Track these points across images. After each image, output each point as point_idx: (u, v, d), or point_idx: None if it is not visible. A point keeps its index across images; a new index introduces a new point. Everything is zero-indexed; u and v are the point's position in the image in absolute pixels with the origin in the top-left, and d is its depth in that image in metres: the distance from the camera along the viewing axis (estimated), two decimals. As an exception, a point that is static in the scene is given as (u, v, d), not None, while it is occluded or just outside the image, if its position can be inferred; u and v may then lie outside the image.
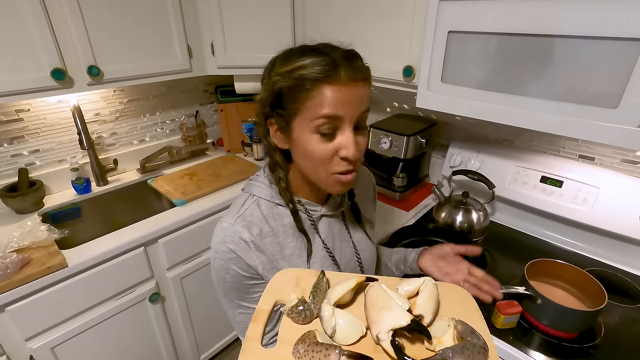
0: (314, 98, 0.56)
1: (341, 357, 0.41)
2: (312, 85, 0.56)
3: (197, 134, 1.90)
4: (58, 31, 1.13)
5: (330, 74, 0.55)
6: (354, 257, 0.77)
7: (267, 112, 0.62)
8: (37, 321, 1.08)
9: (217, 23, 1.46)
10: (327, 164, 0.60)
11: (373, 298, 0.48)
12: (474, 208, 1.25)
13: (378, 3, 1.17)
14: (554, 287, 0.95)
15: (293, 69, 0.57)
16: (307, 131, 0.58)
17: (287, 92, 0.58)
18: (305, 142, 0.59)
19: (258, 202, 0.69)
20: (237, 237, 0.64)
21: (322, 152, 0.59)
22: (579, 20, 0.76)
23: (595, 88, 0.78)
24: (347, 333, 0.46)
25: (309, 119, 0.57)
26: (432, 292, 0.50)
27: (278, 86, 0.59)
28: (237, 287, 0.68)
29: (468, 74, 0.97)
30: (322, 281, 0.53)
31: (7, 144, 1.36)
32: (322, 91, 0.55)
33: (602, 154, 1.15)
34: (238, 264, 0.65)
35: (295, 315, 0.49)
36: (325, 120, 0.57)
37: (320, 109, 0.56)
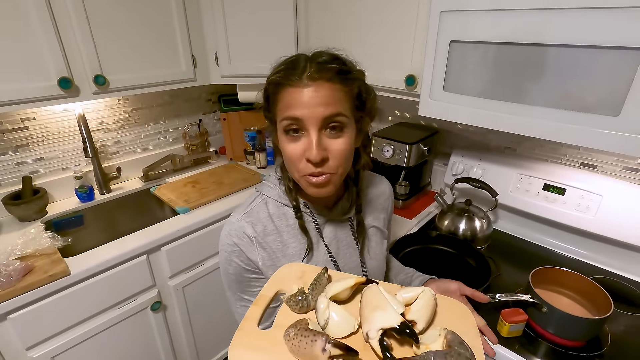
0: (280, 101, 0.60)
1: (327, 345, 0.42)
2: (277, 89, 0.60)
3: (200, 142, 1.91)
4: (66, 41, 1.15)
5: (289, 76, 0.58)
6: (359, 266, 0.76)
7: (267, 117, 0.67)
8: (38, 330, 1.07)
9: (221, 33, 1.48)
10: (296, 165, 0.61)
11: (368, 297, 0.50)
12: (477, 216, 1.25)
13: (381, 15, 1.19)
14: (559, 295, 0.94)
15: (270, 76, 0.62)
16: (280, 132, 0.62)
17: (269, 98, 0.63)
18: (280, 142, 0.63)
19: (266, 201, 0.72)
20: (242, 231, 0.68)
21: (290, 152, 0.61)
22: (579, 29, 0.77)
23: (596, 96, 0.79)
24: (339, 327, 0.47)
25: (279, 120, 0.61)
26: (429, 301, 0.51)
27: (265, 93, 0.64)
28: (238, 280, 0.71)
29: (470, 82, 0.98)
30: (323, 276, 0.55)
31: (12, 152, 1.37)
32: (283, 94, 0.59)
33: (604, 162, 1.15)
34: (240, 257, 0.68)
35: (293, 304, 0.52)
36: (288, 122, 0.59)
37: (283, 111, 0.59)
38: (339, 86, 0.59)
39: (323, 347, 0.42)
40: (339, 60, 0.61)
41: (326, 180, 0.61)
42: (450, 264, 1.14)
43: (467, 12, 0.92)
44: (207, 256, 1.46)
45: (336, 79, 0.58)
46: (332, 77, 0.58)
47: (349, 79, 0.60)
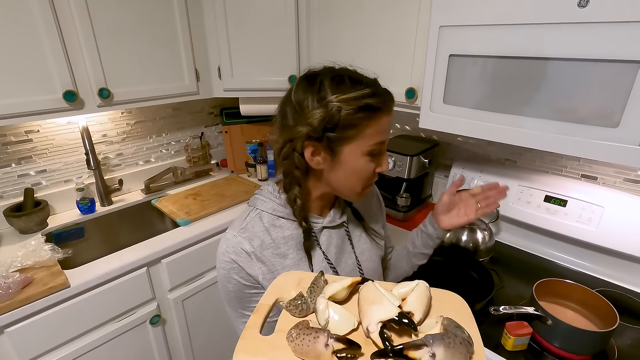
0: (374, 126, 0.62)
1: (329, 340, 0.43)
2: (374, 114, 0.61)
3: (202, 155, 1.92)
4: (71, 54, 1.17)
5: (387, 105, 0.63)
6: (356, 269, 0.78)
7: (317, 136, 0.61)
8: (35, 344, 1.06)
9: (224, 48, 1.51)
10: (368, 180, 0.68)
11: (365, 294, 0.51)
12: (479, 227, 1.25)
13: (381, 30, 1.21)
14: (563, 307, 0.93)
15: (359, 97, 0.60)
16: (359, 153, 0.64)
17: (348, 118, 0.60)
18: (356, 163, 0.65)
19: (260, 215, 0.72)
20: (239, 247, 0.68)
21: (368, 170, 0.66)
22: (576, 43, 0.79)
23: (595, 108, 0.80)
24: (340, 325, 0.48)
25: (367, 143, 0.63)
26: (423, 292, 0.52)
27: (342, 112, 0.60)
28: (239, 296, 0.71)
29: (470, 95, 0.99)
30: (319, 279, 0.56)
31: (15, 164, 1.37)
32: (381, 120, 0.63)
33: (604, 174, 1.16)
34: (239, 273, 0.68)
35: (292, 308, 0.53)
36: (378, 145, 0.64)
37: (377, 135, 0.63)
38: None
39: (326, 342, 0.43)
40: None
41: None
42: (453, 276, 1.13)
43: (466, 27, 0.94)
44: (208, 269, 1.45)
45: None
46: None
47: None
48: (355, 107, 0.59)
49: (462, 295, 1.01)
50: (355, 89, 0.60)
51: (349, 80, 0.62)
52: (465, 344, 0.43)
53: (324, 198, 0.74)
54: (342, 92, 0.60)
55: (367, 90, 0.60)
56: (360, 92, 0.60)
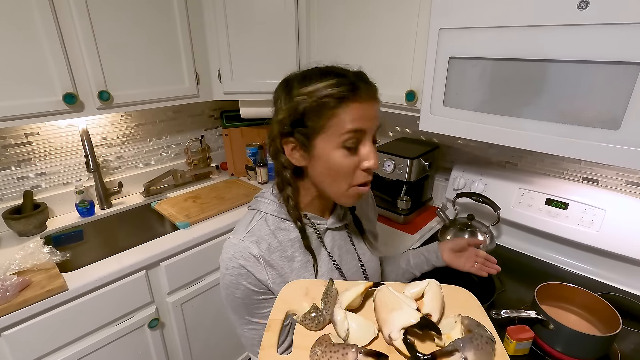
0: (340, 115, 0.60)
1: (358, 356, 0.42)
2: (338, 103, 0.60)
3: (202, 157, 1.92)
4: (72, 57, 1.17)
5: (355, 92, 0.60)
6: (359, 269, 0.78)
7: (287, 131, 0.64)
8: (33, 348, 1.05)
9: (224, 50, 1.51)
10: (350, 177, 0.64)
11: (382, 300, 0.50)
12: (480, 231, 1.24)
13: (381, 32, 1.22)
14: (565, 311, 0.92)
15: (318, 89, 0.60)
16: (331, 147, 0.62)
17: (311, 111, 0.61)
18: (330, 157, 0.62)
19: (265, 217, 0.71)
20: (247, 252, 0.66)
21: (347, 165, 0.62)
22: (577, 45, 0.78)
23: (596, 110, 0.80)
24: (360, 335, 0.47)
25: (335, 134, 0.61)
26: (437, 292, 0.52)
27: (302, 106, 0.61)
28: (246, 303, 0.68)
29: (470, 97, 0.99)
30: (331, 288, 0.54)
31: (15, 167, 1.37)
32: (348, 108, 0.60)
33: (606, 176, 1.15)
34: (248, 279, 0.66)
35: (308, 322, 0.51)
36: (351, 135, 0.61)
37: (346, 124, 0.60)
38: (379, 102, 0.66)
39: (356, 358, 0.42)
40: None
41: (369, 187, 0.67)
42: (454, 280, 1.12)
43: (465, 30, 0.94)
44: (207, 272, 1.44)
45: (378, 98, 0.66)
46: (377, 95, 0.65)
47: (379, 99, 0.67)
48: (316, 97, 0.60)
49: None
50: (320, 81, 0.61)
51: (318, 73, 0.62)
52: (490, 342, 0.43)
53: (324, 199, 0.73)
54: (307, 86, 0.61)
55: (332, 81, 0.60)
56: (323, 83, 0.60)
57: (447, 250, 0.90)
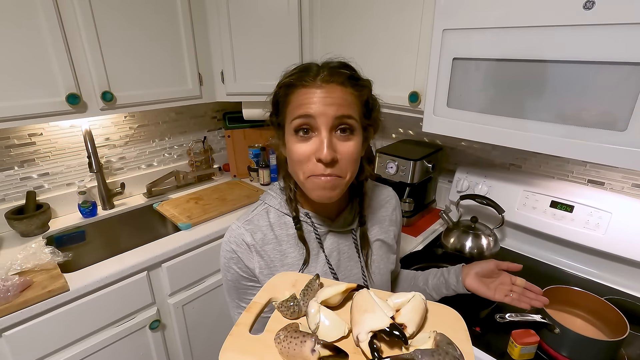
0: (292, 102, 0.61)
1: (316, 345, 0.43)
2: (290, 90, 0.62)
3: (204, 159, 1.92)
4: (75, 58, 1.18)
5: (303, 77, 0.60)
6: (361, 279, 0.75)
7: (274, 124, 0.67)
8: (34, 349, 1.04)
9: (227, 52, 1.51)
10: (303, 165, 0.61)
11: (358, 301, 0.50)
12: (484, 233, 1.23)
13: (384, 34, 1.21)
14: (571, 315, 0.91)
15: (282, 80, 0.64)
16: (289, 134, 0.63)
17: (279, 102, 0.65)
18: (288, 144, 0.63)
19: (267, 210, 0.72)
20: (240, 239, 0.69)
21: (298, 152, 0.61)
22: (583, 46, 0.77)
23: (602, 111, 0.79)
24: (329, 331, 0.47)
25: (289, 121, 0.62)
26: (419, 305, 0.51)
27: (274, 98, 0.66)
28: (236, 286, 0.71)
29: (474, 98, 0.98)
30: (314, 282, 0.55)
31: (18, 167, 1.38)
32: (296, 95, 0.61)
33: (611, 179, 1.14)
34: (238, 264, 0.69)
35: (284, 309, 0.52)
36: (300, 121, 0.60)
37: (296, 109, 0.60)
38: (349, 90, 0.61)
39: (312, 347, 0.43)
40: (350, 67, 0.64)
41: (333, 183, 0.61)
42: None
43: (470, 30, 0.94)
44: (208, 274, 1.44)
45: (347, 83, 0.61)
46: (344, 81, 0.61)
47: (359, 85, 0.63)
48: (280, 86, 0.64)
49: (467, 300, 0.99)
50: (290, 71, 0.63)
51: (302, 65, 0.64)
52: None
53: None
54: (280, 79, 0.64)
55: (295, 70, 0.63)
56: (289, 73, 0.63)
57: (471, 274, 0.78)
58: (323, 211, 0.72)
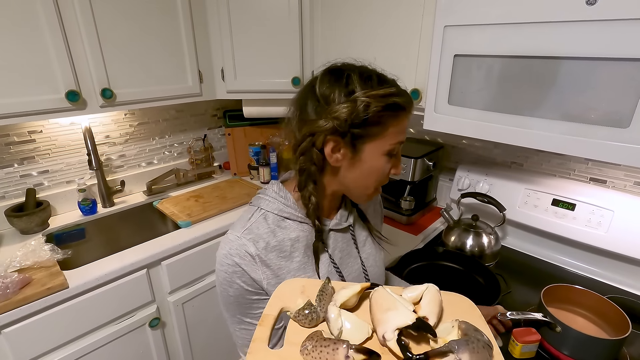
0: (397, 125, 0.62)
1: (349, 351, 0.41)
2: (398, 113, 0.61)
3: (205, 157, 1.91)
4: (75, 54, 1.17)
5: (411, 105, 0.63)
6: (362, 274, 0.76)
7: (341, 131, 0.59)
8: (33, 346, 1.04)
9: (228, 49, 1.50)
10: (383, 180, 0.67)
11: (378, 300, 0.49)
12: (485, 231, 1.22)
13: (385, 30, 1.20)
14: (572, 314, 0.90)
15: (387, 95, 0.59)
16: (380, 152, 0.63)
17: (376, 115, 0.59)
18: (375, 161, 0.63)
19: (265, 215, 0.68)
20: (243, 250, 0.64)
21: (385, 170, 0.65)
22: (586, 42, 0.77)
23: (605, 108, 0.78)
24: (354, 334, 0.46)
25: (388, 142, 0.62)
26: (435, 296, 0.51)
27: (369, 109, 0.58)
28: (239, 302, 0.67)
29: (475, 95, 0.98)
30: (327, 286, 0.54)
31: (18, 165, 1.37)
32: (403, 119, 0.63)
33: (614, 177, 1.13)
34: (242, 277, 0.64)
35: (302, 318, 0.50)
36: (398, 145, 0.64)
37: (399, 135, 0.63)
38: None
39: (346, 354, 0.41)
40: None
41: None
42: (458, 281, 1.11)
43: (471, 27, 0.93)
44: (208, 272, 1.43)
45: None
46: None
47: None
48: (384, 104, 0.59)
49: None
50: (383, 86, 0.60)
51: (377, 77, 0.62)
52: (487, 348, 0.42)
53: (332, 199, 0.72)
54: (371, 89, 0.59)
55: (394, 89, 0.61)
56: (388, 90, 0.60)
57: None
58: (324, 212, 0.72)
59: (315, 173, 0.64)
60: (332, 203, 0.73)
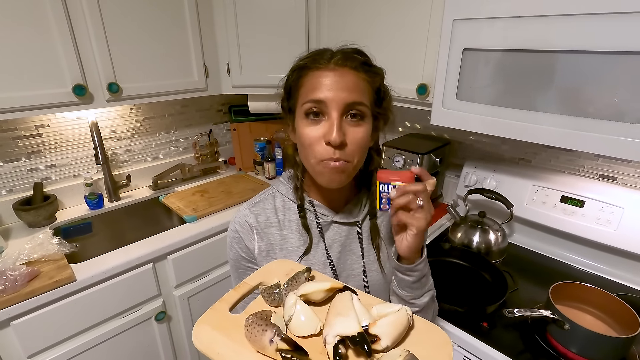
0: (304, 85, 0.61)
1: (275, 337, 0.43)
2: (302, 72, 0.61)
3: (210, 152, 1.92)
4: (81, 49, 1.17)
5: (317, 60, 0.60)
6: (361, 275, 0.71)
7: (285, 109, 0.67)
8: (41, 338, 1.05)
9: (233, 44, 1.50)
10: (314, 149, 0.60)
11: (336, 303, 0.49)
12: (492, 228, 1.21)
13: (393, 25, 1.19)
14: (581, 311, 0.89)
15: (296, 64, 0.64)
16: (300, 117, 0.62)
17: (292, 85, 0.64)
18: (298, 127, 0.63)
19: (275, 195, 0.74)
20: (244, 220, 0.71)
21: (308, 135, 0.60)
22: (597, 35, 0.75)
23: (615, 103, 0.77)
24: (302, 326, 0.47)
25: (300, 104, 0.61)
26: (400, 320, 0.47)
27: (288, 83, 0.65)
28: (237, 266, 0.73)
29: (484, 90, 0.96)
30: (302, 275, 0.55)
31: (25, 159, 1.38)
32: (308, 78, 0.61)
33: (624, 174, 1.11)
34: (239, 244, 0.71)
35: (266, 295, 0.53)
36: (311, 105, 0.59)
37: (308, 93, 0.60)
38: (363, 75, 0.61)
39: (271, 338, 0.43)
40: (363, 53, 0.64)
41: (342, 167, 0.60)
42: (465, 278, 1.10)
43: (481, 20, 0.91)
44: (214, 266, 1.44)
45: (361, 69, 0.61)
46: (357, 66, 0.60)
47: (372, 72, 0.62)
48: (292, 70, 0.64)
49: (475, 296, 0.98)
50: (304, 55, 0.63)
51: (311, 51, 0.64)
52: None
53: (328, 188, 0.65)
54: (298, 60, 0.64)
55: (308, 55, 0.62)
56: (301, 58, 0.63)
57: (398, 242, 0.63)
58: (329, 201, 0.71)
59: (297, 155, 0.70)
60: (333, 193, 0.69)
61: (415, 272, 0.63)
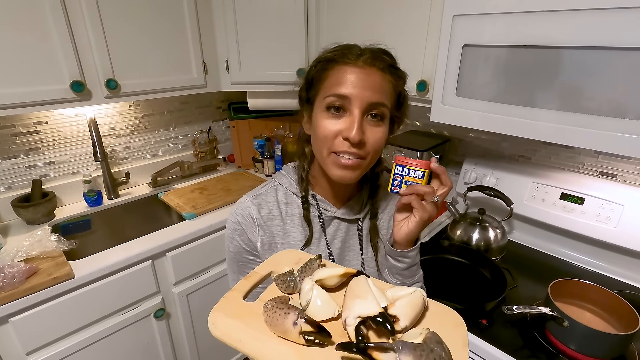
0: (330, 77, 0.60)
1: (299, 319, 0.42)
2: (329, 65, 0.61)
3: (209, 149, 1.91)
4: (79, 45, 1.16)
5: (346, 55, 0.60)
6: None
7: (303, 99, 0.67)
8: (39, 334, 1.05)
9: (232, 41, 1.49)
10: (329, 142, 0.60)
11: (353, 286, 0.49)
12: (491, 225, 1.21)
13: (393, 21, 1.18)
14: (580, 309, 0.89)
15: (322, 56, 0.63)
16: (320, 109, 0.62)
17: (315, 76, 0.63)
18: (317, 119, 0.62)
19: (277, 187, 0.73)
20: (247, 212, 0.69)
21: (327, 128, 0.60)
22: (597, 31, 0.75)
23: (616, 99, 0.77)
24: (319, 310, 0.47)
25: (323, 96, 0.61)
26: (416, 301, 0.48)
27: (310, 73, 0.64)
28: (237, 259, 0.72)
29: (484, 87, 0.96)
30: (314, 261, 0.55)
31: (24, 155, 1.38)
32: (334, 71, 0.60)
33: (624, 171, 1.11)
34: (241, 236, 0.70)
35: (280, 282, 0.52)
36: (334, 99, 0.59)
37: (333, 87, 0.59)
38: (388, 77, 0.61)
39: (295, 320, 0.42)
40: (391, 55, 0.64)
41: (355, 164, 0.60)
42: (464, 275, 1.10)
43: (481, 16, 0.91)
44: (213, 263, 1.44)
45: (387, 71, 0.61)
46: (384, 68, 0.60)
47: (397, 75, 0.63)
48: (317, 61, 0.63)
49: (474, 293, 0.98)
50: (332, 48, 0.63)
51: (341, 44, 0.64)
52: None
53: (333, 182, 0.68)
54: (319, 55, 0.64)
55: (337, 48, 0.62)
56: (328, 50, 0.63)
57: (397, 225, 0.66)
58: (331, 196, 0.71)
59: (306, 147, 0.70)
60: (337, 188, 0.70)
61: (407, 259, 0.67)
